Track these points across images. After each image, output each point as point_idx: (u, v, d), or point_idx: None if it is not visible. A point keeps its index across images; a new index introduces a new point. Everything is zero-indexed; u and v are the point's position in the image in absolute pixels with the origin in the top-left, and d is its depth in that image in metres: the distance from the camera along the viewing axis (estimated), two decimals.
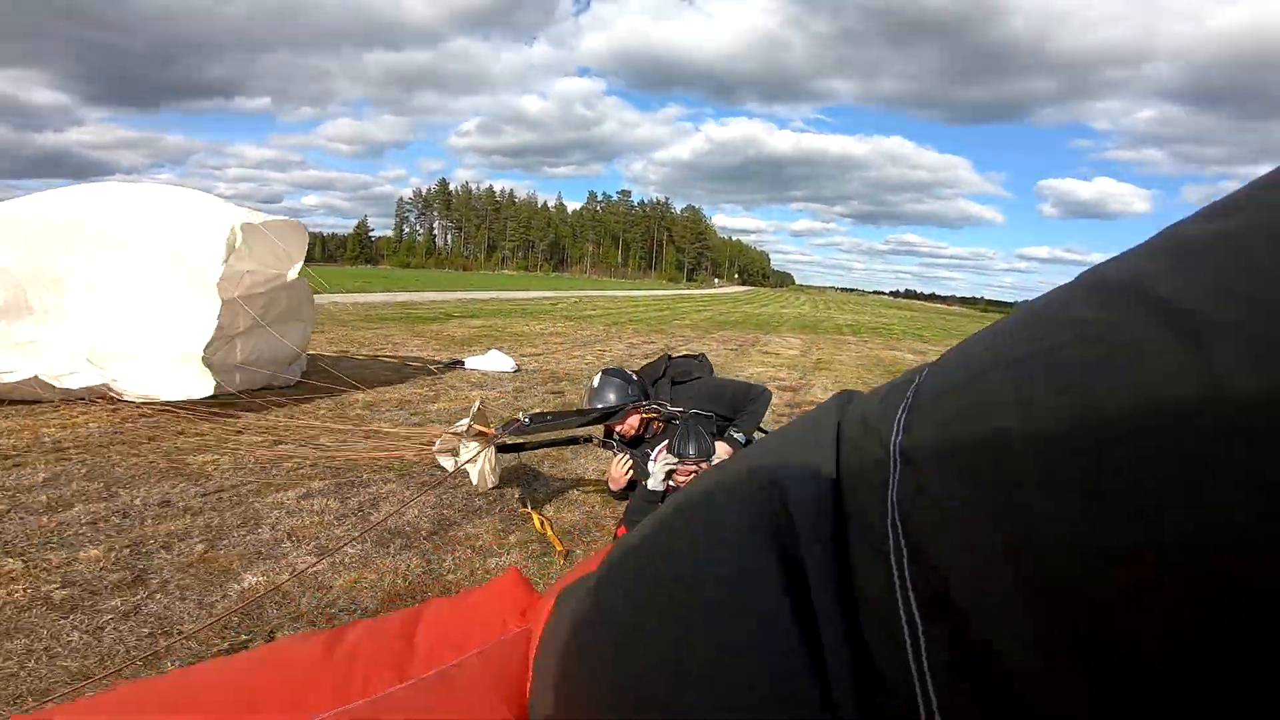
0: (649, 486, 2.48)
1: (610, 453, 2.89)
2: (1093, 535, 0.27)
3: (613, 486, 2.84)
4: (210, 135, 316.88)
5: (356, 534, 3.01)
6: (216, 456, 4.12)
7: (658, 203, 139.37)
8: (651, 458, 2.57)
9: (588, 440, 3.10)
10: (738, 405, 2.83)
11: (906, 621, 0.35)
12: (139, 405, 5.06)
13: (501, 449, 3.03)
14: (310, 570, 2.64)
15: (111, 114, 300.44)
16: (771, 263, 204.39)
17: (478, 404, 3.08)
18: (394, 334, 11.58)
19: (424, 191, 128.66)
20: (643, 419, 2.78)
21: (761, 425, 2.99)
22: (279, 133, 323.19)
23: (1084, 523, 0.28)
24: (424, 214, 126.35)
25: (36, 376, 4.90)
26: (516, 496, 3.59)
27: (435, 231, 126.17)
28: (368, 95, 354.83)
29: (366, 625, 0.78)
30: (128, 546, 2.83)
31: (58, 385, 4.93)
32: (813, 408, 0.55)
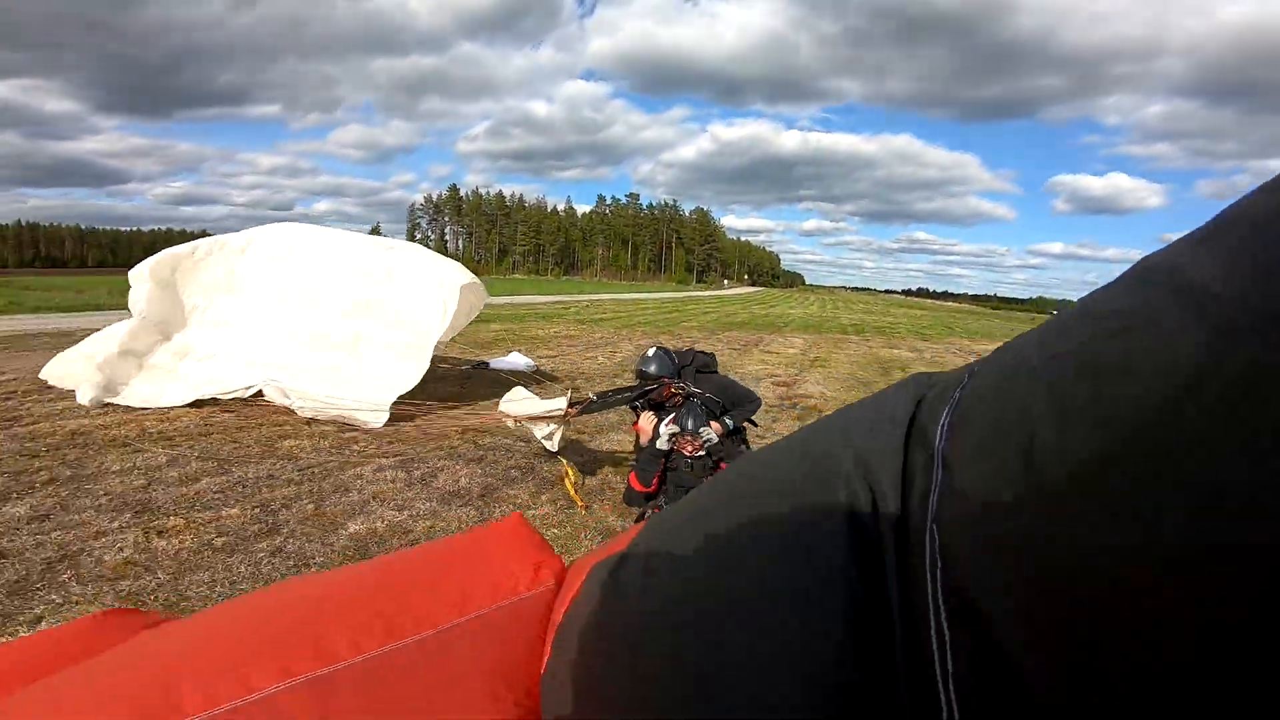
0: (656, 445, 3.32)
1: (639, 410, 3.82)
2: (1113, 544, 0.26)
3: (641, 438, 3.73)
4: (222, 142, 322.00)
5: (423, 496, 3.92)
6: (299, 441, 5.04)
7: (666, 205, 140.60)
8: (662, 424, 3.43)
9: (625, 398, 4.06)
10: (737, 401, 3.69)
11: (935, 632, 0.34)
12: (222, 402, 6.00)
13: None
14: (396, 520, 3.55)
15: (124, 122, 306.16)
16: (781, 263, 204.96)
17: (569, 394, 4.02)
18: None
19: (435, 197, 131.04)
20: (669, 392, 3.64)
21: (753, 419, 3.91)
22: (289, 139, 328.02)
23: (1107, 532, 0.27)
24: (435, 219, 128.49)
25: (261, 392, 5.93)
26: (547, 469, 4.48)
27: (447, 237, 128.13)
28: (376, 101, 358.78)
29: (363, 568, 0.77)
30: (256, 507, 3.74)
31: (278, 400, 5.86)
32: (885, 389, 0.52)
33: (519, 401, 4.04)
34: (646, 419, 3.53)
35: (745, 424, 3.83)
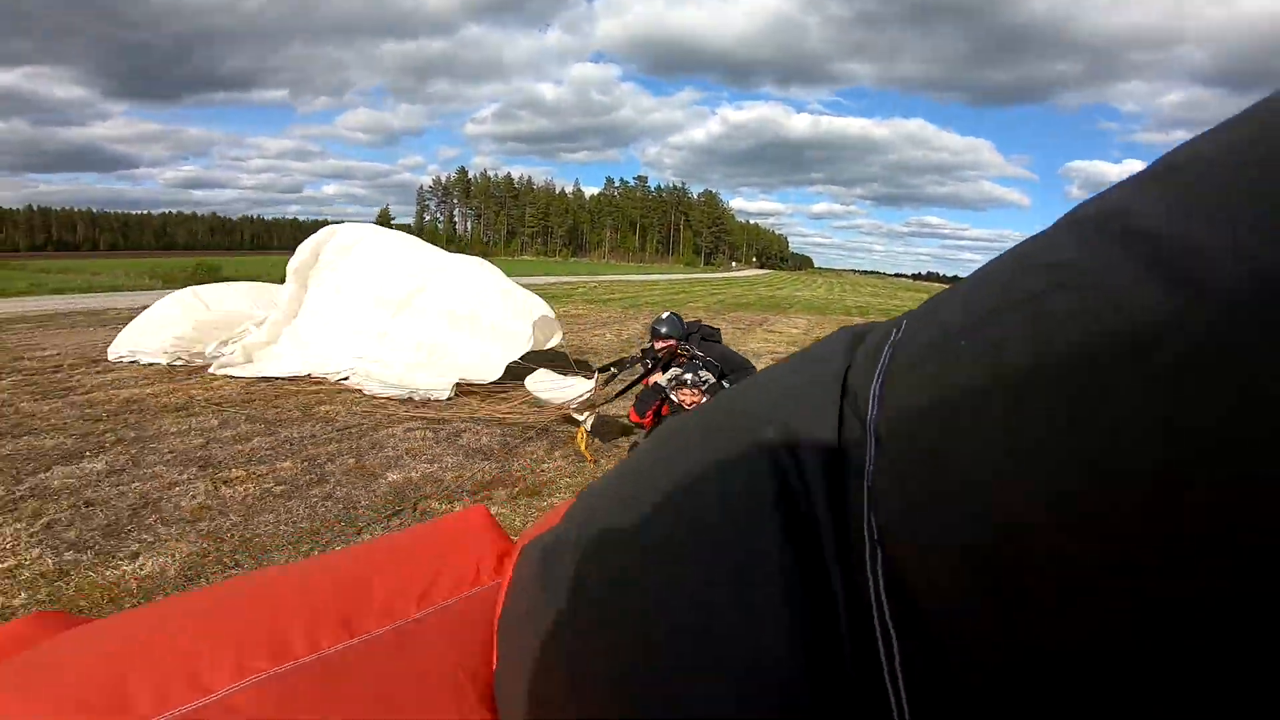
0: (658, 383, 3.79)
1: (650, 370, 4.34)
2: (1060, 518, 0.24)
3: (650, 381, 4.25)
4: (230, 127, 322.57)
5: (450, 451, 4.41)
6: (333, 407, 5.54)
7: (675, 188, 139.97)
8: (668, 370, 3.92)
9: (635, 359, 4.58)
10: (735, 368, 4.13)
11: (880, 630, 0.31)
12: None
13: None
14: (428, 471, 4.04)
15: (133, 107, 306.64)
16: (790, 245, 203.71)
17: (595, 375, 4.55)
18: None
19: (443, 179, 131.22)
20: (676, 354, 4.09)
21: None
22: (298, 123, 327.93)
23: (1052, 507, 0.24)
24: (444, 201, 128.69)
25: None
26: (561, 430, 4.96)
27: (455, 219, 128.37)
28: (384, 85, 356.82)
29: (322, 561, 0.76)
30: (304, 460, 4.23)
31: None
32: (818, 340, 0.48)
33: (546, 386, 4.50)
34: (657, 376, 4.00)
35: None
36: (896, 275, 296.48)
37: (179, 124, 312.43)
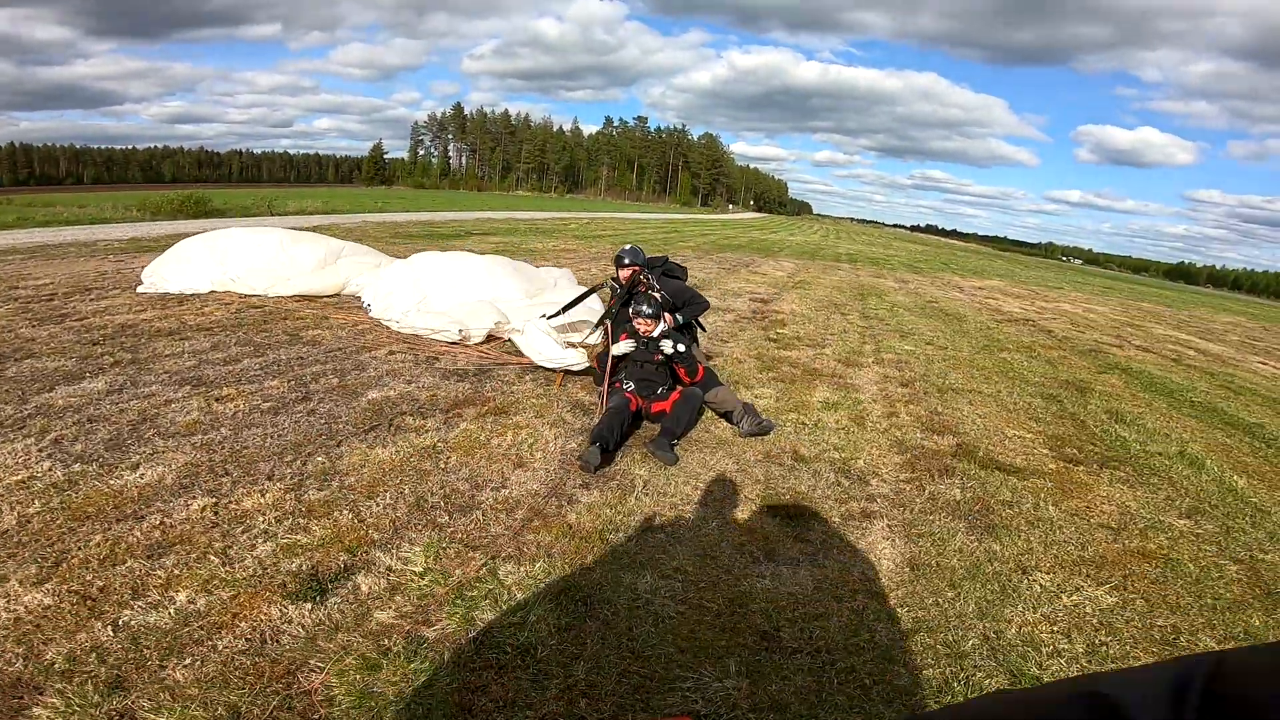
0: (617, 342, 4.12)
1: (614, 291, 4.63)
2: None
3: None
4: (220, 63, 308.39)
5: (429, 371, 4.74)
6: (320, 331, 5.83)
7: (675, 129, 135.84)
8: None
9: (602, 286, 4.88)
10: (688, 302, 4.44)
11: None
12: (245, 298, 6.77)
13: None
14: (405, 390, 4.38)
15: (118, 45, 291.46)
16: (790, 191, 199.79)
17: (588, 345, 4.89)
18: (423, 248, 13.08)
19: (439, 115, 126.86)
20: (634, 279, 4.36)
21: (700, 320, 4.69)
22: (290, 59, 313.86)
23: None
24: (439, 137, 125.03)
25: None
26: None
27: (450, 154, 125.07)
28: (379, 20, 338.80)
29: None
30: (291, 380, 4.55)
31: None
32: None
33: (535, 347, 4.78)
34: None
35: (696, 324, 4.59)
36: (894, 226, 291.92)
37: (166, 60, 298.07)
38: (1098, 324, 13.55)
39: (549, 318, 4.93)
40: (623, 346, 4.06)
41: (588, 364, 4.68)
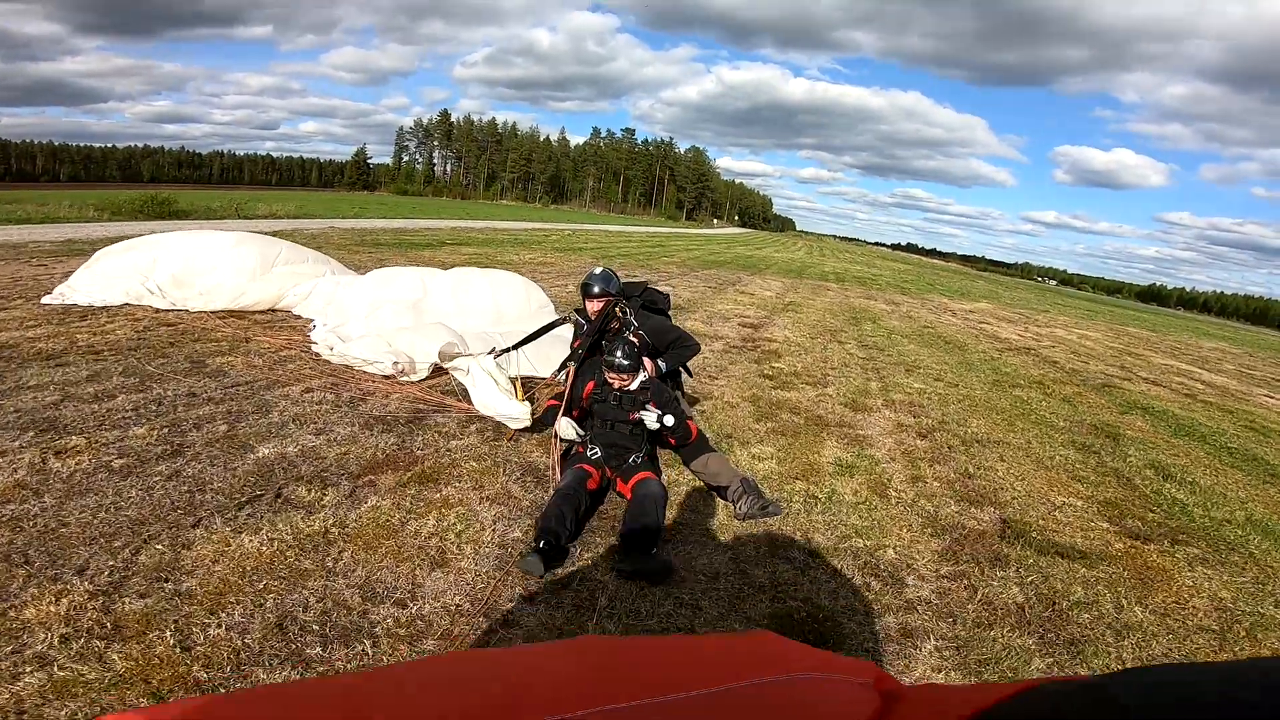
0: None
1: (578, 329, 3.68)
2: None
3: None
4: (209, 63, 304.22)
5: (349, 419, 3.79)
6: (232, 358, 4.86)
7: (662, 142, 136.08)
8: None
9: (565, 320, 3.92)
10: (672, 344, 3.56)
11: None
12: (160, 313, 5.79)
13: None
14: (310, 445, 3.42)
15: (107, 43, 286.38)
16: (774, 207, 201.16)
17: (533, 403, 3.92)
18: (388, 259, 12.12)
19: (425, 121, 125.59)
20: (606, 312, 3.39)
21: (688, 365, 3.79)
22: (280, 60, 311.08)
23: None
24: (424, 143, 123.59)
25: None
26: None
27: (435, 161, 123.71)
28: (375, 24, 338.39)
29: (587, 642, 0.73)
30: (166, 426, 3.58)
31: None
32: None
33: (476, 385, 3.84)
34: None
35: (683, 369, 3.71)
36: (876, 244, 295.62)
37: (156, 59, 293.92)
38: (1096, 352, 13.04)
39: (497, 354, 4.01)
40: (566, 428, 3.16)
41: (531, 422, 3.76)
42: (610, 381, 3.10)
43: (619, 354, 3.08)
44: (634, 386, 3.12)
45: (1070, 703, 0.46)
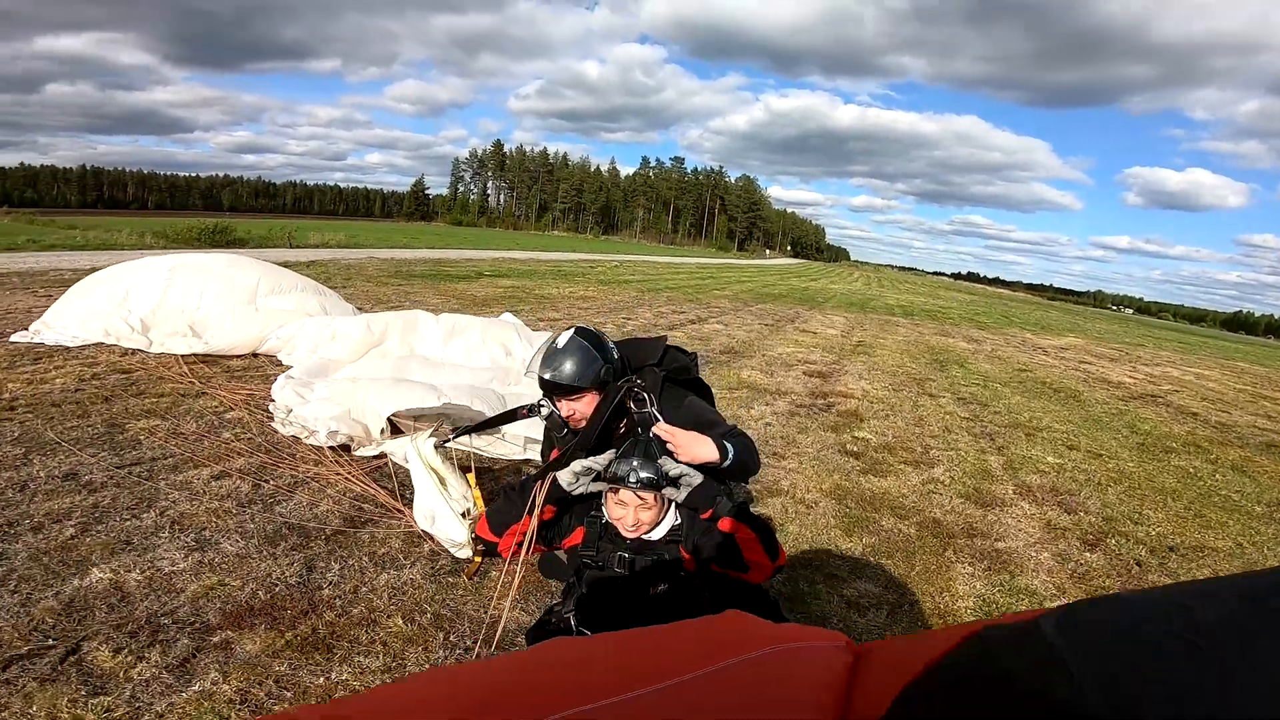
0: (559, 478, 1.78)
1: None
2: None
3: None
4: (283, 94, 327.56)
5: (252, 523, 2.61)
6: (162, 422, 3.82)
7: (712, 171, 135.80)
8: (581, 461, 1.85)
9: (527, 413, 2.31)
10: (723, 450, 2.02)
11: None
12: (127, 356, 4.88)
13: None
14: (168, 571, 2.24)
15: (193, 74, 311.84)
16: (827, 236, 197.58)
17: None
18: (416, 291, 11.30)
19: (479, 152, 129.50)
20: (608, 406, 1.91)
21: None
22: (347, 92, 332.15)
23: None
24: (478, 174, 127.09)
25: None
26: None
27: (489, 191, 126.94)
28: (431, 58, 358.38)
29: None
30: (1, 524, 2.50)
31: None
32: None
33: (416, 478, 2.56)
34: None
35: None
36: (935, 273, 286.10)
37: (235, 90, 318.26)
38: (1228, 397, 10.95)
39: (453, 435, 2.70)
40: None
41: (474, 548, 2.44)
42: (615, 521, 1.79)
43: (632, 466, 1.71)
44: (660, 532, 1.80)
45: (1004, 644, 0.47)
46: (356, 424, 3.40)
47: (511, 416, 2.39)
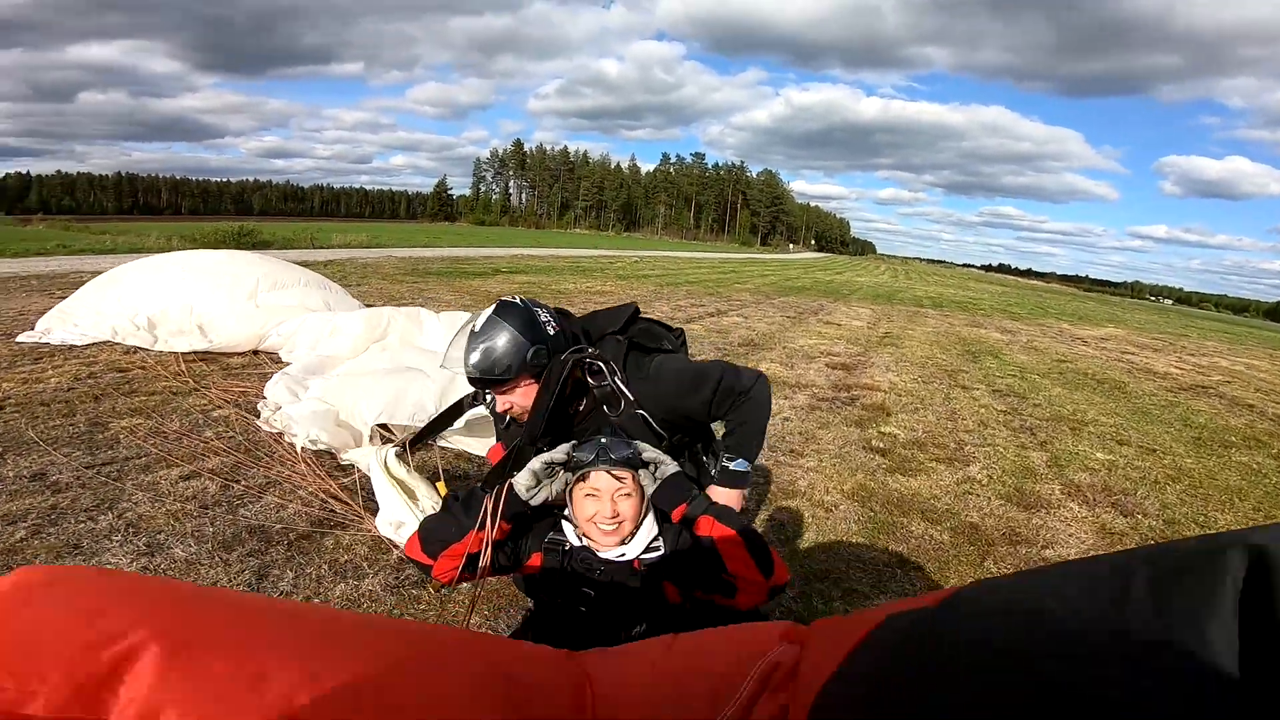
0: (513, 481, 1.47)
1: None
2: None
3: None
4: (308, 99, 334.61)
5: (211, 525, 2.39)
6: (146, 420, 3.66)
7: (733, 166, 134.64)
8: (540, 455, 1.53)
9: (473, 402, 2.03)
10: (714, 408, 1.67)
11: None
12: (130, 355, 4.76)
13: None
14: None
15: (221, 80, 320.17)
16: (852, 230, 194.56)
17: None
18: (430, 288, 11.17)
19: (500, 152, 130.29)
20: (558, 382, 1.57)
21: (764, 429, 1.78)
22: (370, 96, 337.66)
23: None
24: (499, 173, 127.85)
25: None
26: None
27: (510, 190, 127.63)
28: (451, 60, 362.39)
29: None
30: None
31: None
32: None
33: (378, 488, 2.30)
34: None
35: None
36: (964, 266, 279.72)
37: (262, 96, 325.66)
38: None
39: (413, 444, 2.42)
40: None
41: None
42: (588, 526, 1.43)
43: (606, 444, 1.43)
44: (638, 543, 1.43)
45: (905, 625, 0.57)
46: (343, 429, 3.17)
47: (458, 410, 2.09)
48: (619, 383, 1.58)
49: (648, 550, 1.42)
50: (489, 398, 1.64)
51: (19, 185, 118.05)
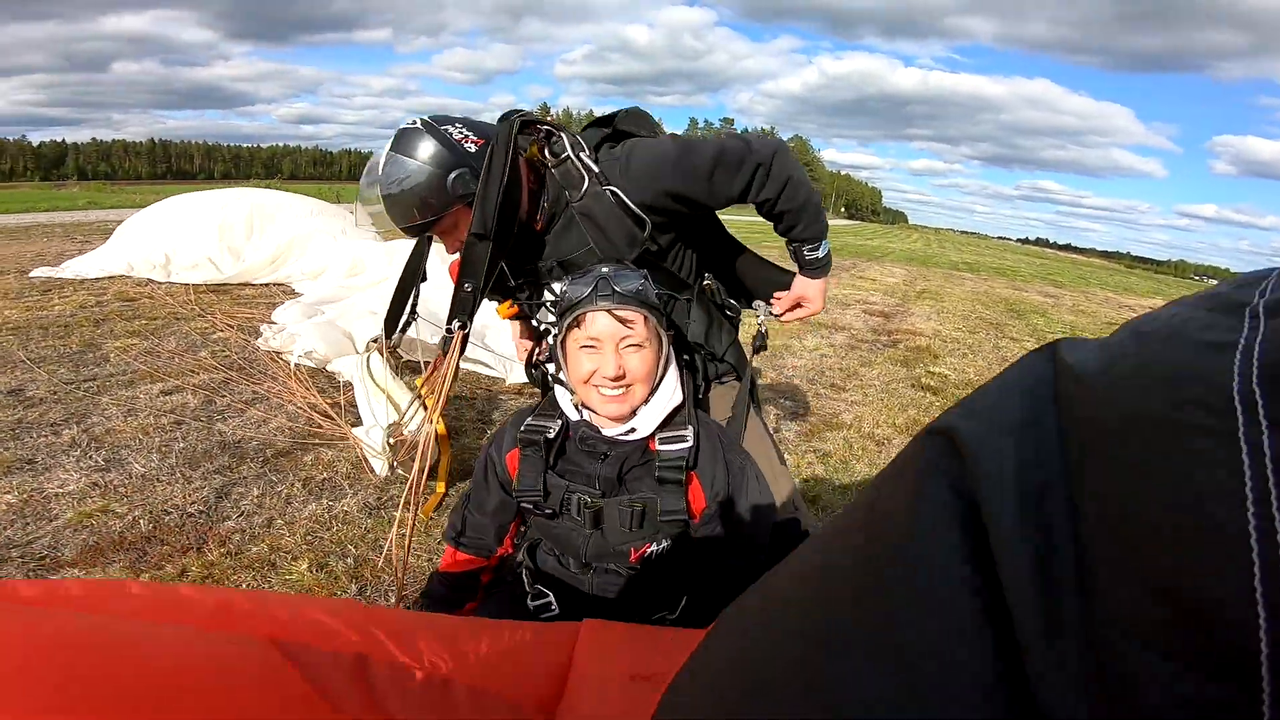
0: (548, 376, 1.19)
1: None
2: None
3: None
4: (337, 66, 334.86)
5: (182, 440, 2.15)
6: (141, 341, 3.46)
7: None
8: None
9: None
10: (731, 184, 1.26)
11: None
12: (142, 286, 4.61)
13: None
14: (57, 490, 1.80)
15: (252, 48, 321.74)
16: (884, 200, 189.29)
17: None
18: None
19: None
20: (504, 162, 1.17)
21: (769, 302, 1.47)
22: (397, 62, 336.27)
23: None
24: None
25: None
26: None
27: None
28: (479, 25, 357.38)
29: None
30: None
31: None
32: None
33: (358, 394, 2.07)
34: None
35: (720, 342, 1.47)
36: (1000, 238, 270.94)
37: (292, 64, 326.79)
38: None
39: (393, 342, 2.06)
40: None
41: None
42: (585, 392, 1.04)
43: (606, 273, 1.04)
44: (653, 414, 1.06)
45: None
46: (346, 341, 2.92)
47: (411, 279, 1.62)
48: (584, 157, 1.21)
49: (668, 431, 1.08)
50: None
51: (55, 153, 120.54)
